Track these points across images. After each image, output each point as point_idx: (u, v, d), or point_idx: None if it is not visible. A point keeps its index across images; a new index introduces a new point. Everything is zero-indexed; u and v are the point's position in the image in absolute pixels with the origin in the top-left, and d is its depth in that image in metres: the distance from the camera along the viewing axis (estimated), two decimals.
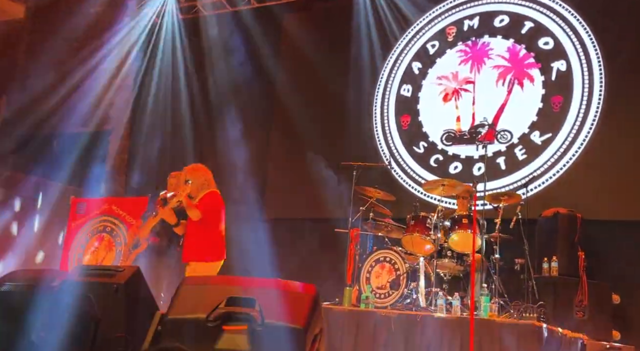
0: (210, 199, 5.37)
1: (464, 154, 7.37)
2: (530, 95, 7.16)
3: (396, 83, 8.03)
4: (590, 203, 6.43)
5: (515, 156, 7.07)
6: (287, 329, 2.75)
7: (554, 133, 6.92)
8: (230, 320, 2.84)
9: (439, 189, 5.95)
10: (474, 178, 6.12)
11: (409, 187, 7.55)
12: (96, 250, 7.71)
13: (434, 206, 6.22)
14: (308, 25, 8.63)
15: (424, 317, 5.01)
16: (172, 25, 9.42)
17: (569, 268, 5.77)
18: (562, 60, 7.08)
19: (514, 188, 6.73)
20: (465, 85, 7.58)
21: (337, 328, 5.16)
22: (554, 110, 7.01)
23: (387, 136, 7.89)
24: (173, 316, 2.93)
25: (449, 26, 7.87)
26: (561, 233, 5.95)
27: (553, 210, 6.09)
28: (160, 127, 9.26)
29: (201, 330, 2.82)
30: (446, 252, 5.81)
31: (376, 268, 5.89)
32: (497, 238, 5.64)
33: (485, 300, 5.16)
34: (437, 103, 7.70)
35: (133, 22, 9.86)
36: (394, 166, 7.56)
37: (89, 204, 8.06)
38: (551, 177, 6.83)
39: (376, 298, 5.68)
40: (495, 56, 7.47)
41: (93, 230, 7.82)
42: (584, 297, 5.56)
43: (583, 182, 6.65)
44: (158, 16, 9.56)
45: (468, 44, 7.70)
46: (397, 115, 7.92)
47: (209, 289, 3.05)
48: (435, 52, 7.89)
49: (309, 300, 2.86)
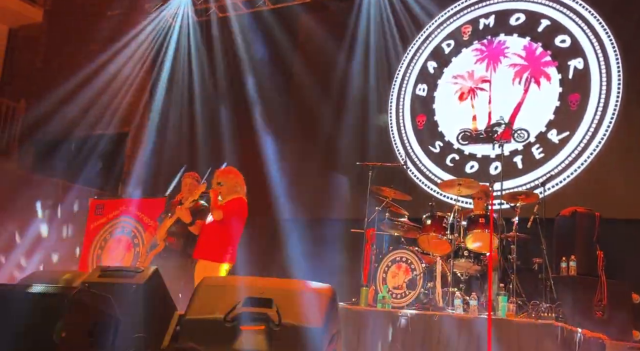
0: (237, 205, 5.40)
1: (480, 153, 7.33)
2: (547, 94, 7.10)
3: (411, 82, 8.01)
4: (608, 201, 6.37)
5: (532, 155, 7.03)
6: (304, 329, 2.77)
7: (572, 132, 6.86)
8: (247, 320, 2.86)
9: (456, 189, 5.93)
10: (490, 178, 6.10)
11: (425, 186, 7.54)
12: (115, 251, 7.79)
13: (450, 206, 6.21)
14: (324, 26, 8.65)
15: (441, 317, 5.00)
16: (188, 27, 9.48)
17: (588, 267, 5.71)
18: (579, 58, 7.02)
19: (531, 188, 6.68)
20: (481, 84, 7.54)
21: (353, 329, 5.17)
22: (571, 108, 6.95)
23: (403, 136, 7.88)
24: (191, 317, 2.96)
25: (464, 25, 7.84)
26: (579, 232, 5.89)
27: (571, 209, 6.04)
28: (177, 129, 9.33)
29: (219, 330, 2.85)
30: (463, 251, 5.79)
31: (392, 268, 5.89)
32: (514, 237, 5.61)
33: (502, 300, 5.13)
34: (453, 102, 7.67)
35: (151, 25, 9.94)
36: (409, 166, 7.55)
37: (107, 206, 8.15)
38: (569, 175, 6.77)
39: (393, 298, 5.68)
40: (511, 54, 7.43)
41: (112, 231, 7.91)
42: (603, 297, 5.50)
43: (601, 181, 6.59)
44: (174, 18, 9.62)
45: (484, 42, 7.66)
46: (412, 115, 7.90)
47: (226, 290, 3.08)
48: (450, 51, 7.86)
49: (325, 300, 2.88)
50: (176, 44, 9.51)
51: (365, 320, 5.23)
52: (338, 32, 8.48)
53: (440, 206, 6.44)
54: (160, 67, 9.69)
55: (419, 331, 4.98)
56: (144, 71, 10.11)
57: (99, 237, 7.98)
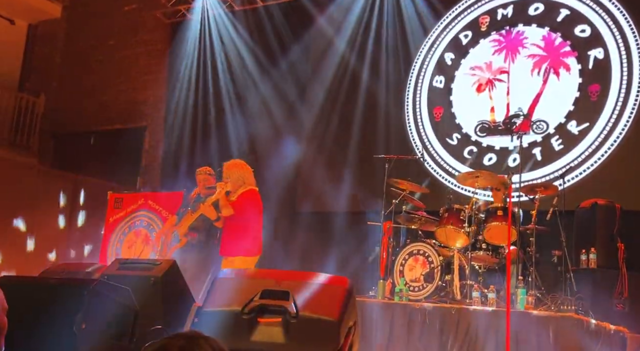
0: (249, 196, 5.43)
1: (498, 145, 7.27)
2: (567, 85, 7.01)
3: (428, 74, 7.95)
4: (629, 193, 6.29)
5: (552, 146, 6.95)
6: (321, 321, 2.77)
7: (592, 123, 6.77)
8: (265, 312, 2.87)
9: (473, 181, 5.88)
10: (509, 170, 6.04)
11: (442, 179, 7.49)
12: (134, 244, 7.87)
13: (468, 198, 6.16)
14: (338, 18, 8.61)
15: (459, 310, 4.97)
16: (206, 21, 9.49)
17: (608, 259, 5.64)
18: (599, 48, 6.91)
19: (550, 180, 6.61)
20: (499, 76, 7.46)
21: (371, 321, 5.16)
22: (591, 99, 6.86)
23: (420, 128, 7.84)
24: (209, 309, 2.97)
25: (482, 15, 7.75)
26: (600, 224, 5.81)
27: (591, 201, 5.96)
28: (193, 123, 9.37)
29: (237, 322, 2.87)
30: (481, 244, 5.75)
31: (410, 261, 5.87)
32: (533, 230, 5.56)
33: (521, 293, 5.09)
34: (470, 94, 7.60)
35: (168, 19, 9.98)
36: (426, 158, 7.50)
37: (126, 199, 8.22)
38: (589, 167, 6.69)
39: (410, 291, 5.66)
40: (530, 45, 7.34)
41: (130, 224, 7.98)
42: (624, 289, 5.44)
43: (622, 172, 6.50)
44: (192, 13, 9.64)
45: (502, 33, 7.58)
46: (429, 107, 7.85)
47: (244, 282, 3.09)
48: (468, 42, 7.79)
49: (342, 292, 2.88)
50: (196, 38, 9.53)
51: (383, 313, 5.22)
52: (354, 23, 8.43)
53: (457, 199, 6.40)
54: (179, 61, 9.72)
55: (436, 324, 4.97)
56: (162, 65, 10.17)
57: (117, 231, 8.05)
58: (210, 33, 9.45)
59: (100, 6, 10.87)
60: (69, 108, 10.77)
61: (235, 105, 9.04)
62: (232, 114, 9.02)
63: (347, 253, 6.99)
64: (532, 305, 5.07)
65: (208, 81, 9.33)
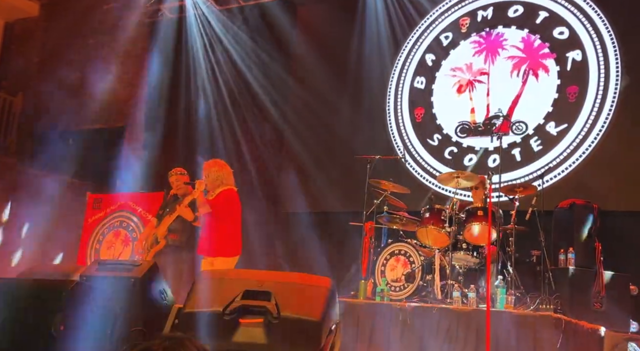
0: (227, 196, 5.41)
1: (478, 146, 7.33)
2: (546, 86, 7.09)
3: (409, 75, 7.99)
4: (607, 194, 6.38)
5: (531, 147, 7.02)
6: (303, 322, 2.77)
7: (570, 124, 6.85)
8: (246, 313, 2.86)
9: (454, 181, 5.92)
10: (489, 170, 6.09)
11: (423, 179, 7.53)
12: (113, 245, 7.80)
13: (448, 198, 6.20)
14: (321, 18, 8.62)
15: (440, 310, 5.00)
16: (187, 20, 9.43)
17: (586, 259, 5.71)
18: (577, 50, 7.00)
19: (529, 180, 6.68)
20: (479, 77, 7.52)
21: (352, 321, 5.17)
22: (569, 100, 6.94)
23: (401, 129, 7.87)
24: (190, 310, 2.96)
25: (462, 17, 7.81)
26: (577, 224, 5.89)
27: (569, 201, 6.03)
28: (174, 122, 9.30)
29: (218, 323, 2.85)
30: (461, 244, 5.79)
31: (391, 261, 5.90)
32: (512, 230, 5.61)
33: (501, 292, 5.14)
34: (451, 95, 7.65)
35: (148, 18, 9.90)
36: (408, 159, 7.53)
37: (105, 200, 8.15)
38: (567, 167, 6.77)
39: (391, 291, 5.68)
40: (509, 47, 7.41)
41: (110, 225, 7.91)
42: (601, 288, 5.51)
43: (600, 173, 6.59)
44: (171, 11, 9.57)
45: (482, 34, 7.64)
46: (410, 108, 7.88)
47: (225, 283, 3.08)
48: (448, 44, 7.84)
49: (324, 292, 2.88)
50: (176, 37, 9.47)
51: (364, 313, 5.23)
52: (338, 23, 8.45)
53: (438, 199, 6.44)
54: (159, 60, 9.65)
55: (417, 324, 4.99)
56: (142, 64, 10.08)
57: (97, 231, 7.98)
58: (191, 32, 9.39)
59: (78, 4, 10.74)
60: (47, 107, 10.63)
61: (216, 105, 9.00)
62: (214, 113, 8.98)
63: (329, 253, 6.98)
64: (511, 304, 5.12)
65: (190, 80, 9.28)
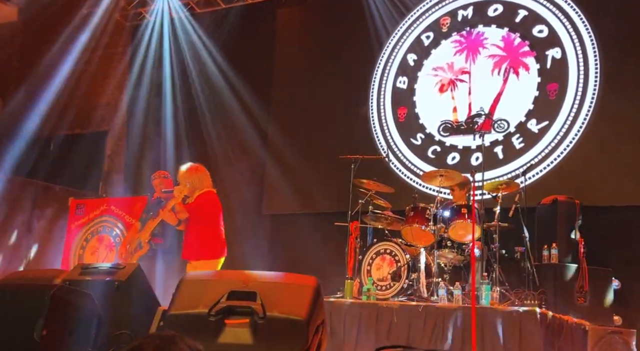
0: (206, 198, 5.40)
1: (461, 145, 7.37)
2: (526, 84, 7.15)
3: (392, 75, 8.02)
4: (589, 189, 6.44)
5: (513, 145, 7.07)
6: (289, 321, 2.76)
7: (551, 121, 6.92)
8: (232, 313, 2.85)
9: (438, 180, 5.95)
10: (472, 168, 6.13)
11: (407, 178, 7.55)
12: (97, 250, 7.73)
13: (432, 197, 6.23)
14: (302, 20, 8.64)
15: (426, 307, 5.03)
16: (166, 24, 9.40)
17: (569, 254, 5.78)
18: (557, 48, 7.07)
19: (512, 177, 6.73)
20: (461, 76, 7.57)
21: (339, 321, 5.18)
22: (550, 97, 7.01)
23: (384, 128, 7.89)
24: (175, 312, 2.93)
25: (442, 17, 7.85)
26: (560, 220, 5.95)
27: (552, 198, 6.09)
28: (156, 126, 9.25)
29: (203, 325, 2.83)
30: (446, 242, 5.81)
31: (377, 260, 5.91)
32: (496, 227, 5.65)
33: (486, 289, 5.17)
34: (433, 94, 7.69)
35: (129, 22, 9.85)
36: (391, 158, 7.56)
37: (88, 205, 8.08)
38: (549, 164, 6.83)
39: (377, 290, 5.69)
40: (490, 45, 7.46)
41: (93, 230, 7.84)
42: (584, 283, 5.57)
43: (581, 169, 6.66)
44: (152, 15, 9.53)
45: (463, 34, 7.69)
46: (393, 107, 7.91)
47: (210, 284, 3.06)
48: (430, 43, 7.88)
49: (310, 291, 2.87)
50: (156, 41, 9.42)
51: (351, 312, 5.24)
52: (317, 24, 8.47)
53: (423, 198, 6.46)
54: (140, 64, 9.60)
55: (404, 322, 5.01)
56: (123, 68, 10.02)
57: (80, 237, 7.91)
58: (172, 35, 9.36)
59: (58, 8, 10.64)
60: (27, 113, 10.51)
61: (199, 108, 8.97)
62: (195, 117, 8.95)
63: (315, 254, 6.98)
64: (496, 300, 5.15)
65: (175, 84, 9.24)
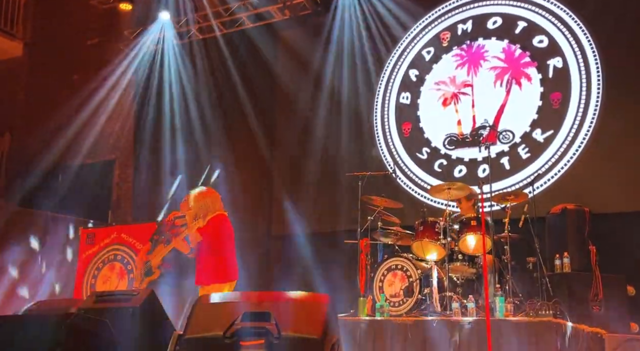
0: (218, 221, 5.41)
1: (467, 157, 7.38)
2: (529, 94, 7.18)
3: (394, 91, 8.07)
4: (597, 196, 6.42)
5: (519, 155, 7.08)
6: (304, 340, 2.77)
7: (556, 130, 6.93)
8: (247, 335, 2.86)
9: (445, 193, 5.96)
10: (479, 180, 6.13)
11: (415, 193, 7.56)
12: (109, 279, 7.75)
13: (441, 211, 6.23)
14: (304, 41, 8.72)
15: (440, 322, 5.00)
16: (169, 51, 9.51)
17: (581, 263, 5.75)
18: (557, 57, 7.11)
19: (520, 188, 6.73)
20: (463, 89, 7.61)
21: (354, 339, 5.15)
22: (553, 106, 7.03)
23: (390, 144, 7.92)
24: (190, 336, 2.94)
25: (442, 31, 7.92)
26: (570, 228, 5.93)
27: (561, 206, 6.08)
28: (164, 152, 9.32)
29: (219, 348, 2.84)
30: (457, 255, 5.80)
31: (388, 276, 5.89)
32: (506, 238, 5.63)
33: (500, 301, 5.14)
34: (436, 108, 7.73)
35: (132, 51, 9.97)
36: (398, 174, 7.57)
37: (98, 234, 8.11)
38: (556, 173, 6.83)
39: (391, 306, 5.67)
40: (491, 58, 7.51)
41: (104, 259, 7.87)
42: (598, 291, 5.53)
43: (588, 176, 6.65)
44: (155, 43, 9.65)
45: (463, 47, 7.75)
46: (397, 123, 7.95)
47: (224, 306, 3.07)
48: (431, 58, 7.94)
49: (323, 309, 2.88)
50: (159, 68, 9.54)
51: (365, 330, 5.21)
52: (320, 44, 8.55)
53: (431, 212, 6.46)
54: (144, 93, 9.70)
55: (418, 338, 4.98)
56: (129, 98, 10.12)
57: (91, 266, 7.93)
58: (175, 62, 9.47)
59: (62, 42, 10.81)
60: (35, 145, 10.62)
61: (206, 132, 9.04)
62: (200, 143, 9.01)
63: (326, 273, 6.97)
64: (511, 312, 5.12)
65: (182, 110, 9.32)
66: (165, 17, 9.32)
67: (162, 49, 9.56)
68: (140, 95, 9.84)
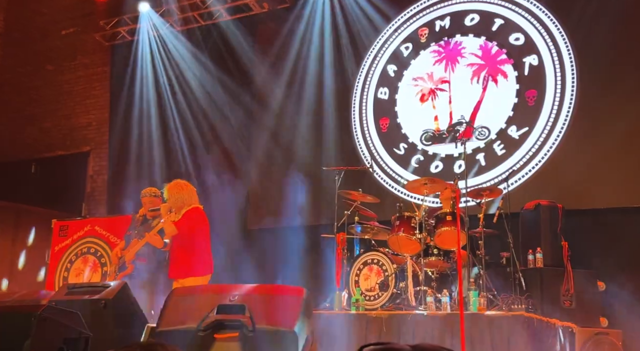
0: (193, 215, 5.37)
1: (444, 153, 7.43)
2: (505, 91, 7.24)
3: (373, 86, 8.08)
4: (571, 193, 6.51)
5: (494, 151, 7.15)
6: (278, 333, 2.76)
7: (531, 127, 7.00)
8: (221, 328, 2.84)
9: (422, 188, 5.99)
10: (455, 176, 6.17)
11: (391, 188, 7.59)
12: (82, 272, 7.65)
13: (417, 206, 6.26)
14: (282, 34, 8.68)
15: (414, 316, 5.04)
16: (147, 42, 9.40)
17: (554, 258, 5.83)
18: (533, 55, 7.18)
19: (495, 183, 6.79)
20: (440, 85, 7.65)
21: (329, 333, 5.16)
22: (529, 104, 7.10)
23: (367, 139, 7.94)
24: (163, 328, 2.92)
25: (420, 28, 7.95)
26: (544, 224, 6.01)
27: (534, 202, 6.15)
28: (138, 145, 9.22)
29: (193, 340, 2.82)
30: (432, 250, 5.84)
31: (364, 270, 5.91)
32: (481, 233, 5.69)
33: (473, 295, 5.20)
34: (414, 104, 7.76)
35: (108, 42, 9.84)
36: (375, 169, 7.60)
37: (72, 226, 8.00)
38: (530, 169, 6.91)
39: (366, 300, 5.69)
40: (468, 54, 7.56)
41: (77, 252, 7.77)
42: (570, 286, 5.62)
43: (562, 173, 6.73)
44: (132, 34, 9.53)
45: (441, 44, 7.78)
46: (375, 118, 7.97)
47: (197, 299, 3.05)
48: (409, 54, 7.96)
49: (298, 302, 2.88)
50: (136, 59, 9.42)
51: (340, 323, 5.23)
52: (296, 38, 8.52)
53: (408, 207, 6.48)
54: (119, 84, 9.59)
55: (393, 331, 5.01)
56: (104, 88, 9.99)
57: (64, 259, 7.83)
58: (152, 54, 9.37)
59: (36, 31, 10.62)
60: (8, 136, 10.44)
61: (180, 125, 8.97)
62: (177, 135, 8.94)
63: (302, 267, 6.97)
64: (484, 306, 5.18)
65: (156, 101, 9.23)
66: (144, 9, 9.20)
67: (137, 40, 9.44)
68: (115, 86, 9.72)
